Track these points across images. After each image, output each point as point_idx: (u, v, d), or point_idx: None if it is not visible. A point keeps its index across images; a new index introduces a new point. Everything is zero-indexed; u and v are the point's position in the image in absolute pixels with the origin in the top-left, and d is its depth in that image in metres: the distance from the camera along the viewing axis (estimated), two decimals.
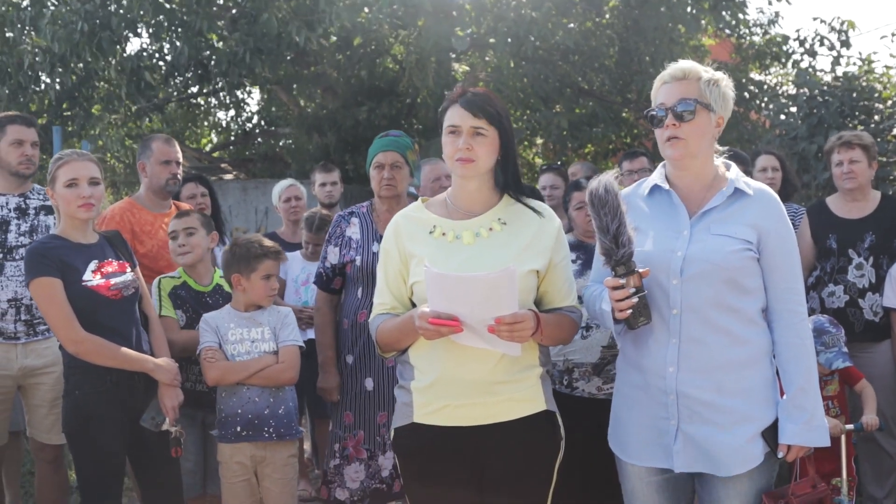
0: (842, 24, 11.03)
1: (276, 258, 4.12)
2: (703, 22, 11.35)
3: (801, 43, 11.58)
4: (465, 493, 2.97)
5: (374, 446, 4.21)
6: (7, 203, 4.48)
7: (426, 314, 2.73)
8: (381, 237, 4.16)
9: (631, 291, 2.77)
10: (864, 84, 7.91)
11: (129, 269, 3.87)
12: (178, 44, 10.27)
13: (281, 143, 13.52)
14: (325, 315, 4.37)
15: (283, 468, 3.99)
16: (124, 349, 3.71)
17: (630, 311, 2.78)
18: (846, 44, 10.98)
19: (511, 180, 3.06)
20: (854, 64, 9.02)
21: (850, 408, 4.41)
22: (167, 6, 10.43)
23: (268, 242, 4.14)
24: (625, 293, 2.77)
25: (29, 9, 10.76)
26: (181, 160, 5.04)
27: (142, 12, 10.06)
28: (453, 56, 11.26)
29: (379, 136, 4.43)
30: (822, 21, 11.15)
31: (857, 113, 7.66)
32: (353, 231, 4.32)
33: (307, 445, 6.13)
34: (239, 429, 3.93)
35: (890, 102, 7.56)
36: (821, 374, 4.18)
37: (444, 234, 2.98)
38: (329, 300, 4.40)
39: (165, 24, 10.37)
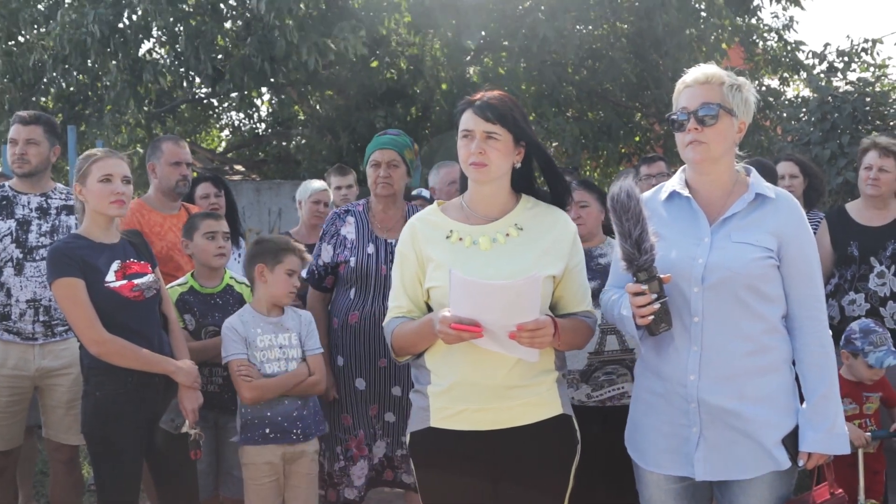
0: (867, 41, 10.96)
1: (301, 257, 4.13)
2: (723, 43, 11.30)
3: (822, 59, 11.55)
4: (482, 498, 2.97)
5: (370, 439, 4.25)
6: (29, 202, 4.47)
7: (448, 319, 2.72)
8: (376, 237, 4.20)
9: (653, 297, 2.76)
10: (877, 90, 7.88)
11: (150, 270, 3.86)
12: (195, 54, 10.23)
13: (293, 144, 13.52)
14: (318, 314, 4.33)
15: (310, 464, 4.00)
16: (146, 351, 3.70)
17: (651, 317, 2.78)
18: (868, 64, 10.91)
19: (550, 182, 3.09)
20: (868, 70, 9.00)
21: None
22: (186, 11, 10.41)
23: (295, 242, 4.17)
24: (647, 299, 2.76)
25: (42, 7, 10.79)
26: (191, 161, 5.03)
27: (158, 18, 10.04)
28: (468, 59, 11.25)
29: (377, 135, 4.42)
30: (850, 39, 11.12)
31: (870, 118, 7.64)
32: (349, 230, 4.31)
33: None
34: (267, 430, 3.92)
35: None
36: (866, 379, 4.16)
37: (460, 238, 2.98)
38: (321, 299, 4.40)
39: (180, 30, 10.35)
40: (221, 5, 11.02)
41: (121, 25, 10.21)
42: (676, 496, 3.01)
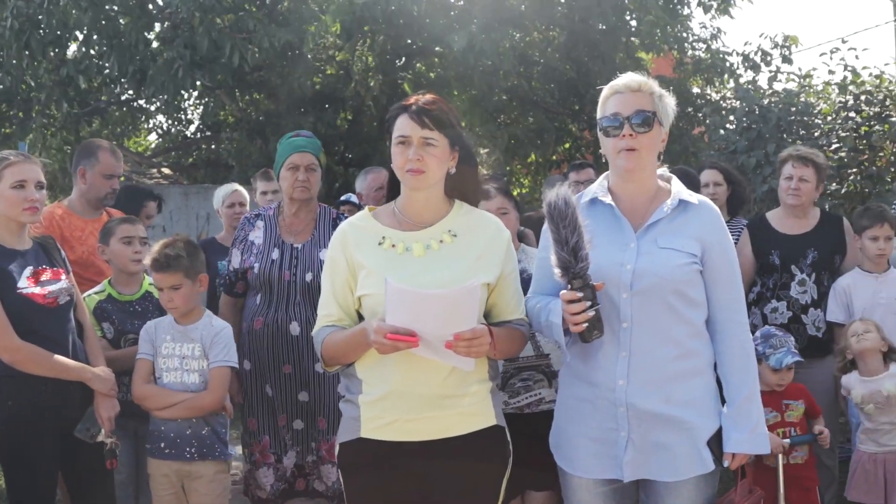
0: (785, 39, 11.27)
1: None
2: (655, 39, 11.45)
3: (746, 59, 11.77)
4: None
5: (279, 449, 4.24)
6: None
7: (383, 328, 2.66)
8: (282, 242, 4.21)
9: (587, 305, 2.76)
10: (802, 100, 8.01)
11: (63, 276, 3.76)
12: (109, 55, 10.03)
13: (223, 147, 13.36)
14: (227, 319, 4.28)
15: (209, 484, 3.89)
16: (61, 358, 3.61)
17: (585, 324, 2.77)
18: (788, 60, 11.22)
19: (469, 189, 3.05)
20: (793, 80, 9.16)
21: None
22: (106, 8, 10.19)
23: (186, 258, 3.94)
24: (581, 306, 2.75)
25: None
26: (122, 173, 4.96)
27: (75, 13, 9.80)
28: (399, 64, 11.22)
29: (288, 136, 4.38)
30: (767, 37, 11.39)
31: (795, 128, 7.77)
32: (256, 235, 4.30)
33: None
34: (163, 445, 3.88)
35: (829, 118, 7.68)
36: (774, 385, 4.20)
37: (393, 245, 2.92)
38: (232, 304, 4.39)
39: (97, 33, 10.12)
40: (150, 6, 10.83)
41: (40, 17, 9.93)
42: (605, 499, 3.01)
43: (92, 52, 10.79)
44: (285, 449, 4.23)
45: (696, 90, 12.34)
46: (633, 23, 11.36)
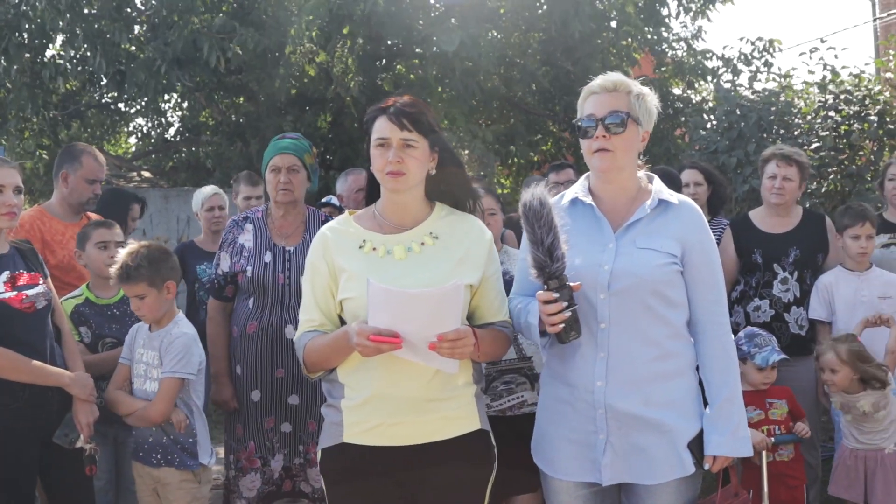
0: (767, 43, 11.30)
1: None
2: (634, 52, 11.46)
3: (727, 63, 11.80)
4: None
5: (265, 452, 4.21)
6: None
7: (366, 330, 2.62)
8: (273, 245, 4.19)
9: (563, 305, 2.74)
10: (782, 99, 8.04)
11: (41, 281, 3.73)
12: (94, 55, 9.96)
13: (203, 150, 13.29)
14: (218, 325, 4.31)
15: (176, 491, 3.85)
16: (38, 363, 3.58)
17: (562, 325, 2.75)
18: (769, 64, 11.25)
19: (461, 190, 3.03)
20: (773, 79, 9.20)
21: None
22: (85, 13, 10.12)
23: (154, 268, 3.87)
24: (558, 307, 2.74)
25: None
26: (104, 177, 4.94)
27: (59, 20, 9.73)
28: (379, 65, 11.18)
29: (275, 139, 4.37)
30: (749, 41, 11.41)
31: (775, 127, 7.79)
32: (246, 238, 4.27)
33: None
34: (136, 447, 3.89)
35: (809, 118, 7.71)
36: (759, 384, 4.21)
37: (374, 248, 2.90)
38: (222, 309, 4.35)
39: (80, 33, 10.04)
40: (128, 9, 10.76)
41: (17, 20, 9.86)
42: (585, 502, 3.00)
43: (72, 52, 10.72)
44: (272, 452, 4.20)
45: (677, 91, 12.36)
46: (613, 24, 11.36)
